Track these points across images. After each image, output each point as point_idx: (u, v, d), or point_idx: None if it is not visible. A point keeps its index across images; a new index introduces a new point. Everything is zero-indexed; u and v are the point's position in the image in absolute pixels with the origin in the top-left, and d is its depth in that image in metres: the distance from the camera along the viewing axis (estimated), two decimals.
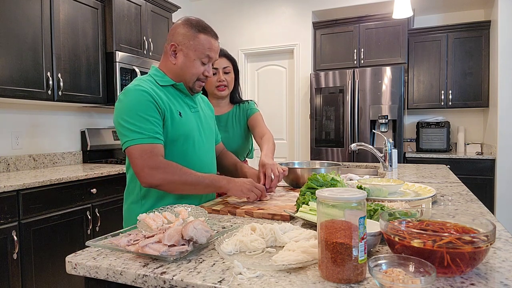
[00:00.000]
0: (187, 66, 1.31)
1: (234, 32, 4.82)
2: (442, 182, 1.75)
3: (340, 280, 0.65)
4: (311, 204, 1.04)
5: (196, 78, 1.33)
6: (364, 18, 4.20)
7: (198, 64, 1.31)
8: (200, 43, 1.29)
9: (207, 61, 1.32)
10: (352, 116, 4.04)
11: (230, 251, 0.80)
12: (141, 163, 1.18)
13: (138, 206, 1.32)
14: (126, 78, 3.12)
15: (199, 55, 1.30)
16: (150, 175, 1.18)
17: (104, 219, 2.61)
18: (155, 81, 1.32)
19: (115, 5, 3.04)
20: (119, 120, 1.22)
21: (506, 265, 0.72)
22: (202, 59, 1.31)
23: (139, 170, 1.19)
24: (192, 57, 1.30)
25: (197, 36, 1.29)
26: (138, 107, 1.20)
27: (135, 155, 1.18)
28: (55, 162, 3.03)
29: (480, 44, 4.02)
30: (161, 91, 1.29)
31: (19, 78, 2.39)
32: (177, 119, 1.29)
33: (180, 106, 1.33)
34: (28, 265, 2.12)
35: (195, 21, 1.31)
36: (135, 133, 1.19)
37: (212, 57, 1.33)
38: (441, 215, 0.81)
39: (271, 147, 1.62)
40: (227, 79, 1.76)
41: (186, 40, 1.29)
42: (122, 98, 1.24)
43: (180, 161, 1.29)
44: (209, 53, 1.31)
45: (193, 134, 1.34)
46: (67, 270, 0.80)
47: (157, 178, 1.18)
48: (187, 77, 1.33)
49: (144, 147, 1.18)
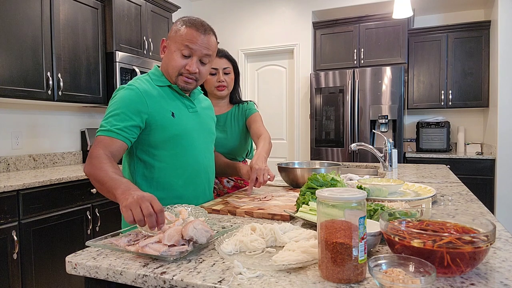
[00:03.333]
0: (168, 58, 1.30)
1: (234, 32, 4.82)
2: (442, 182, 1.75)
3: (340, 280, 0.65)
4: (311, 204, 1.04)
5: (177, 72, 1.29)
6: (364, 18, 4.20)
7: (178, 55, 1.27)
8: (180, 34, 1.26)
9: (187, 53, 1.27)
10: (352, 116, 4.04)
11: (230, 251, 0.80)
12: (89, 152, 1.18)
13: None
14: (126, 78, 3.12)
15: (178, 46, 1.26)
16: (86, 164, 1.17)
17: (104, 219, 2.61)
18: (152, 81, 1.32)
19: (115, 5, 3.04)
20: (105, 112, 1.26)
21: (506, 265, 0.72)
22: (181, 50, 1.26)
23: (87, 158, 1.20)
24: (173, 49, 1.28)
25: (180, 29, 1.27)
26: (120, 103, 1.23)
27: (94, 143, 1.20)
28: (55, 162, 3.03)
29: (480, 44, 4.02)
30: (155, 91, 1.29)
31: (19, 78, 2.39)
32: (168, 119, 1.28)
33: (175, 106, 1.32)
34: (28, 265, 2.12)
35: (188, 18, 1.30)
36: (104, 125, 1.21)
37: (194, 49, 1.26)
38: (441, 215, 0.81)
39: (266, 147, 1.60)
40: (227, 79, 1.76)
41: (172, 34, 1.30)
42: (114, 95, 1.29)
43: (173, 161, 1.29)
44: (188, 43, 1.25)
45: (188, 134, 1.33)
46: (67, 270, 0.80)
47: (86, 167, 1.15)
48: (170, 71, 1.31)
49: (100, 138, 1.19)
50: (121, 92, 1.26)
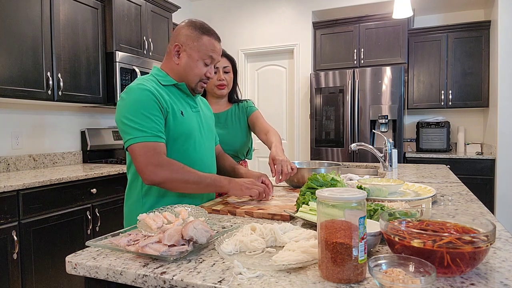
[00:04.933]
0: (190, 66, 1.32)
1: (234, 32, 4.82)
2: (442, 182, 1.75)
3: (340, 280, 0.65)
4: (311, 204, 1.04)
5: (198, 79, 1.35)
6: (364, 18, 4.20)
7: (201, 65, 1.33)
8: (203, 44, 1.31)
9: (209, 62, 1.34)
10: (352, 116, 4.04)
11: (230, 251, 0.80)
12: (144, 161, 1.18)
13: (139, 205, 1.32)
14: (126, 78, 3.12)
15: (202, 56, 1.32)
16: (153, 172, 1.19)
17: (104, 219, 2.61)
18: (157, 80, 1.33)
19: (115, 5, 3.04)
20: (122, 119, 1.22)
21: (506, 265, 0.72)
22: (205, 60, 1.33)
23: (143, 168, 1.19)
24: (195, 57, 1.32)
25: (201, 38, 1.31)
26: (141, 105, 1.21)
27: (138, 152, 1.19)
28: (55, 162, 3.03)
29: (480, 44, 4.02)
30: (163, 90, 1.30)
31: (19, 78, 2.39)
32: (179, 118, 1.31)
33: (181, 105, 1.35)
34: (28, 265, 2.12)
35: (199, 23, 1.33)
36: (138, 131, 1.20)
37: (215, 58, 1.35)
38: (441, 215, 0.81)
39: (280, 141, 1.64)
40: (227, 78, 1.79)
41: (189, 41, 1.31)
42: (124, 96, 1.25)
43: (181, 159, 1.30)
44: (212, 54, 1.33)
45: (194, 133, 1.36)
46: (67, 270, 0.80)
47: (160, 176, 1.19)
48: (190, 78, 1.34)
49: (147, 145, 1.19)
50: (136, 92, 1.24)
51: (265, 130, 1.74)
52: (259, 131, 1.78)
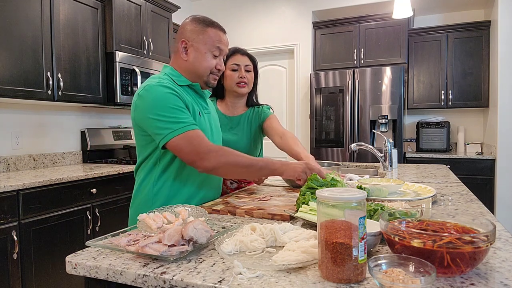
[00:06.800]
0: (199, 60, 1.32)
1: (234, 32, 4.82)
2: (442, 182, 1.75)
3: (340, 280, 0.65)
4: (311, 204, 1.04)
5: (209, 71, 1.35)
6: (364, 18, 4.20)
7: (210, 57, 1.33)
8: (209, 36, 1.32)
9: (218, 53, 1.34)
10: (352, 116, 4.04)
11: (230, 251, 0.80)
12: (192, 150, 1.18)
13: (148, 205, 1.31)
14: (126, 78, 3.12)
15: (210, 48, 1.32)
16: (205, 159, 1.19)
17: (104, 219, 2.61)
18: (173, 80, 1.33)
19: (115, 5, 3.04)
20: (151, 116, 1.20)
21: (506, 265, 0.72)
22: (213, 52, 1.33)
23: (193, 157, 1.19)
24: (203, 50, 1.32)
25: (206, 30, 1.32)
26: (168, 100, 1.21)
27: (183, 143, 1.19)
28: (55, 162, 3.03)
29: (480, 44, 4.02)
30: (180, 90, 1.30)
31: (19, 78, 2.39)
32: (197, 118, 1.32)
33: (197, 106, 1.36)
34: (28, 265, 2.12)
35: (202, 17, 1.35)
36: (175, 123, 1.19)
37: (223, 49, 1.35)
38: (441, 215, 0.81)
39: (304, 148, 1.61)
40: (248, 77, 1.75)
41: (195, 35, 1.31)
42: (145, 94, 1.23)
43: None
44: (219, 45, 1.33)
45: (208, 132, 1.37)
46: (67, 270, 0.80)
47: (212, 160, 1.19)
48: (201, 71, 1.34)
49: (190, 134, 1.20)
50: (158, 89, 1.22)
51: (281, 133, 1.71)
52: (274, 134, 1.74)
